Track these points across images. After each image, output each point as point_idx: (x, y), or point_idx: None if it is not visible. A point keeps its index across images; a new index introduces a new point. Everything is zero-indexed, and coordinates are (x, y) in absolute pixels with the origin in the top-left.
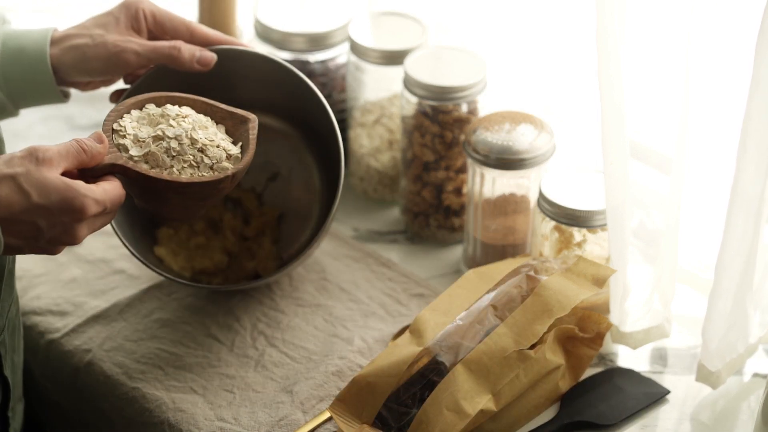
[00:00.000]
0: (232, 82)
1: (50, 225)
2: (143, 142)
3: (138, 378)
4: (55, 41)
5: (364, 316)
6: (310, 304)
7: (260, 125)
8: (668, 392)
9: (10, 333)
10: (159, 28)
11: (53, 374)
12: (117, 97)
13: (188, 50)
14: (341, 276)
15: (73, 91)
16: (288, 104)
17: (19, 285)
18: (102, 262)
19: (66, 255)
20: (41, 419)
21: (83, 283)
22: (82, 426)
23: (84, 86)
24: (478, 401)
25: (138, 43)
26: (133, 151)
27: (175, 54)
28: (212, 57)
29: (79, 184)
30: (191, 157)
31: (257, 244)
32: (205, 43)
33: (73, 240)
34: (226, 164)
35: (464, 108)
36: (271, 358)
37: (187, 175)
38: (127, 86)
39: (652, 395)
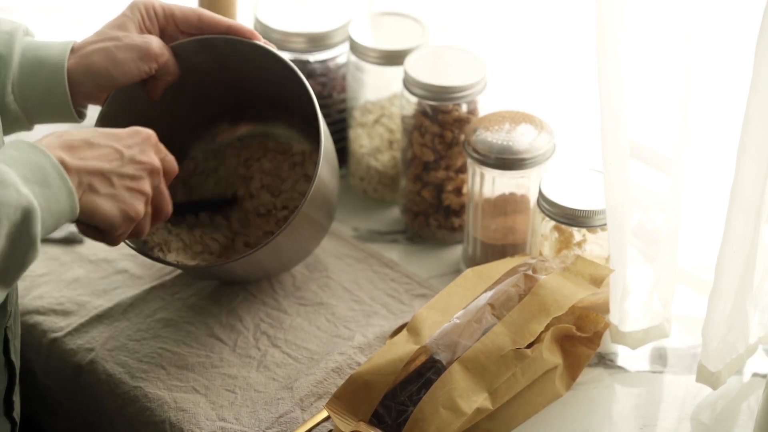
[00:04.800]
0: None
1: (126, 145)
2: None
3: (140, 377)
4: (74, 50)
5: (367, 316)
6: (313, 304)
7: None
8: None
9: (14, 318)
10: (170, 21)
11: (55, 373)
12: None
13: None
14: (344, 276)
15: None
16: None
17: (21, 285)
18: (105, 262)
19: (69, 255)
20: (43, 418)
21: (86, 282)
22: (84, 425)
23: (101, 99)
24: (474, 399)
25: (156, 38)
26: None
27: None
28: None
29: None
30: None
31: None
32: (213, 30)
33: (149, 163)
34: None
35: (464, 108)
36: (274, 359)
37: None
38: None
39: None
